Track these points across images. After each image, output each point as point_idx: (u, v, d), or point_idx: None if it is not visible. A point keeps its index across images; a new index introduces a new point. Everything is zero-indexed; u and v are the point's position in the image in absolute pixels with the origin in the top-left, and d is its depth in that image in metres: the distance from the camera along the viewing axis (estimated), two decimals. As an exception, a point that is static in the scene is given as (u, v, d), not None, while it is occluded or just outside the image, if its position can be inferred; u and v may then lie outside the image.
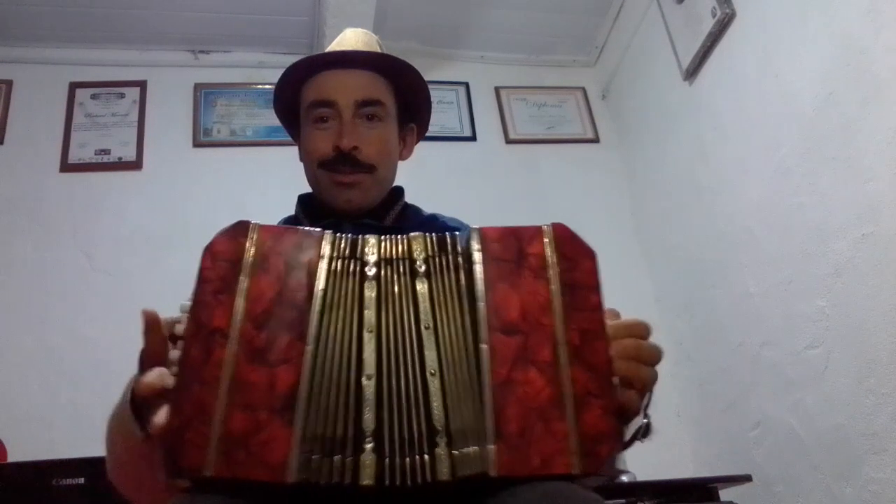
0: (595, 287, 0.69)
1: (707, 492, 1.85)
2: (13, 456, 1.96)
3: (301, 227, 0.72)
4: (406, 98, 1.14)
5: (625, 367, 0.68)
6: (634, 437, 0.70)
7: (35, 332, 2.31)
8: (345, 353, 0.65)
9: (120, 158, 2.66)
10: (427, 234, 0.71)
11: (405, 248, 0.70)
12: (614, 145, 3.02)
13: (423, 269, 0.69)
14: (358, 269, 0.69)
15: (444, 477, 0.62)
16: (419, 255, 0.70)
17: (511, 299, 0.68)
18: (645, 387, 0.70)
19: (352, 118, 1.04)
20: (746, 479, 1.89)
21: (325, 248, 0.69)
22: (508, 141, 2.96)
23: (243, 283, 0.66)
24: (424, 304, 0.68)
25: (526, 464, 0.62)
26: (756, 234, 2.10)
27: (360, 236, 0.70)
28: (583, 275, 0.70)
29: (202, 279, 0.67)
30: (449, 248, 0.70)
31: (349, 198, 1.04)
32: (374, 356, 0.65)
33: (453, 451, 0.62)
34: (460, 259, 0.69)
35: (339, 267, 0.68)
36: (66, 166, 2.60)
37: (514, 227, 0.72)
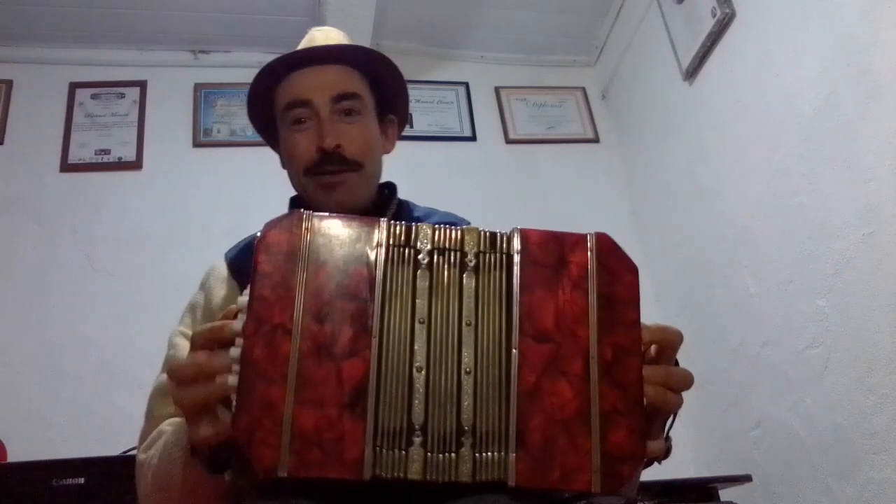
0: (634, 303, 0.68)
1: (707, 492, 1.85)
2: (13, 456, 1.96)
3: (355, 216, 0.70)
4: (382, 89, 1.11)
5: (652, 392, 0.66)
6: (654, 459, 0.69)
7: (35, 332, 2.31)
8: (401, 343, 0.64)
9: (120, 158, 2.66)
10: (481, 228, 0.70)
11: (458, 239, 0.68)
12: (614, 145, 3.02)
13: (472, 263, 0.67)
14: (412, 257, 0.67)
15: (464, 478, 0.61)
16: (471, 248, 0.68)
17: (546, 306, 0.66)
18: (671, 413, 0.70)
19: (329, 115, 1.02)
20: (746, 479, 1.89)
21: (382, 236, 0.67)
22: (508, 141, 2.96)
23: (301, 275, 0.64)
24: (469, 300, 0.66)
25: (545, 477, 0.61)
26: (756, 234, 2.10)
27: (413, 224, 0.69)
28: (623, 289, 0.68)
29: (259, 273, 0.63)
30: (499, 245, 0.68)
31: (338, 199, 1.01)
32: (424, 348, 0.64)
33: (476, 454, 0.62)
34: (505, 258, 0.68)
35: (395, 255, 0.67)
36: (66, 166, 2.60)
37: (558, 232, 0.70)
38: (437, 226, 0.69)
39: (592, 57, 3.18)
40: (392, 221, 0.68)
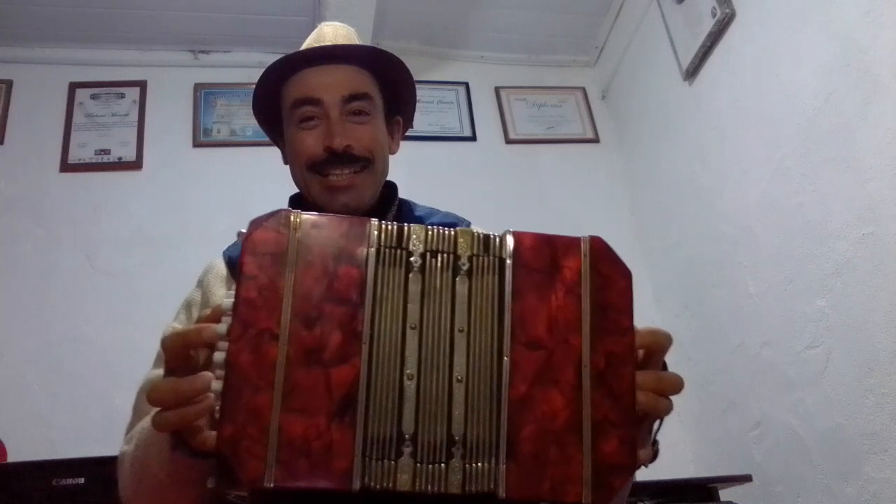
0: (627, 310, 0.66)
1: (707, 492, 1.85)
2: (13, 456, 1.96)
3: (345, 215, 0.67)
4: (391, 91, 1.10)
5: (643, 398, 0.65)
6: (640, 464, 0.68)
7: (35, 332, 2.31)
8: (392, 350, 0.62)
9: (120, 158, 2.66)
10: (475, 231, 0.67)
11: (451, 242, 0.66)
12: (614, 145, 3.02)
13: (465, 266, 0.65)
14: (403, 259, 0.64)
15: (454, 490, 0.60)
16: (464, 251, 0.65)
17: (539, 312, 0.64)
18: (661, 416, 0.69)
19: (339, 116, 1.00)
20: (746, 479, 1.89)
21: (373, 237, 0.64)
22: (508, 141, 2.96)
23: (289, 277, 0.61)
24: (461, 306, 0.64)
25: (536, 488, 0.60)
26: (756, 234, 2.10)
27: (405, 225, 0.66)
28: (616, 295, 0.66)
29: (244, 275, 0.61)
30: (492, 248, 0.66)
31: (345, 201, 0.99)
32: (415, 355, 0.62)
33: (467, 465, 0.60)
34: (497, 262, 0.66)
35: (386, 257, 0.64)
36: (66, 166, 2.61)
37: (551, 235, 0.67)
38: (430, 227, 0.66)
39: (592, 57, 3.18)
40: (383, 221, 0.66)
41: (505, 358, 0.63)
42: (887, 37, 1.63)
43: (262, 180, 2.55)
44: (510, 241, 0.67)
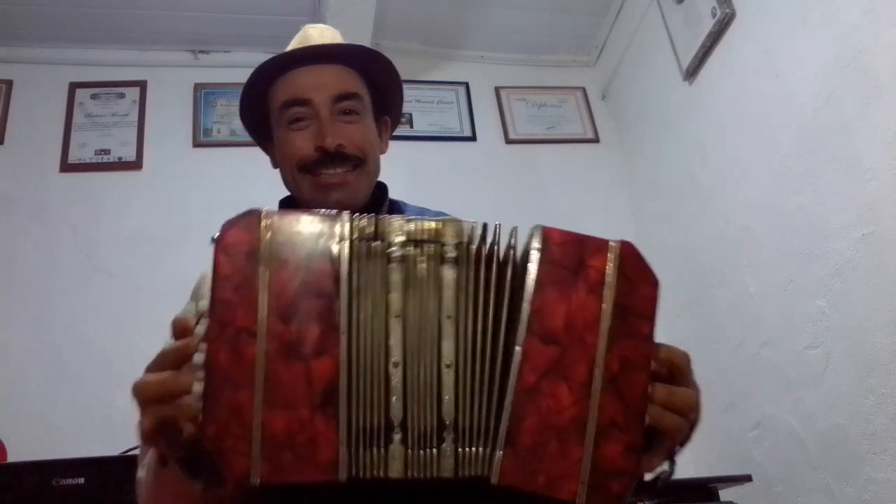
0: (649, 317, 0.66)
1: (707, 492, 1.85)
2: (13, 456, 1.96)
3: (316, 210, 0.67)
4: (379, 90, 1.09)
5: (650, 410, 0.64)
6: (655, 481, 0.68)
7: (35, 332, 2.31)
8: (374, 339, 0.62)
9: (120, 158, 2.66)
10: (463, 220, 0.67)
11: (434, 231, 0.66)
12: (614, 145, 3.02)
13: (452, 255, 0.65)
14: (382, 250, 0.64)
15: (447, 474, 0.60)
16: (450, 240, 0.65)
17: (558, 308, 0.64)
18: (673, 435, 0.67)
19: (329, 115, 1.00)
20: (746, 479, 1.89)
21: (346, 230, 0.64)
22: (508, 141, 2.96)
23: (264, 275, 0.62)
24: (448, 292, 0.64)
25: (530, 479, 0.60)
26: (756, 234, 2.10)
27: (382, 216, 0.66)
28: (640, 301, 0.66)
29: (218, 275, 0.61)
30: (488, 237, 0.66)
31: (338, 198, 0.98)
32: (400, 343, 0.62)
33: (459, 449, 0.60)
34: (511, 252, 0.65)
35: (362, 249, 0.64)
36: (66, 166, 2.60)
37: (581, 234, 0.67)
38: (410, 218, 0.66)
39: (592, 57, 3.18)
40: (357, 214, 0.66)
41: (517, 347, 0.62)
42: (887, 37, 1.63)
43: (262, 180, 2.54)
44: (538, 236, 0.66)
